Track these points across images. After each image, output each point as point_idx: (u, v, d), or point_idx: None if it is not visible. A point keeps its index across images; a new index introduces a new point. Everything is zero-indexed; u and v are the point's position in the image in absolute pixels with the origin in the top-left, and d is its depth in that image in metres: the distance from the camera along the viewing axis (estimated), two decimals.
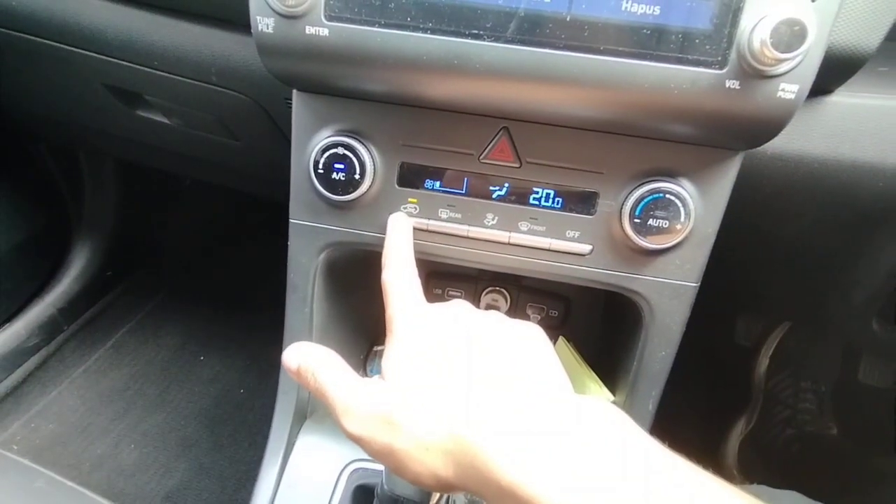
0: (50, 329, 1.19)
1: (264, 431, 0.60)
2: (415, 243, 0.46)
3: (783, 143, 0.47)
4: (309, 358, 0.37)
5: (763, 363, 1.16)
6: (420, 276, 0.42)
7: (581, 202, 0.47)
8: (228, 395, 1.18)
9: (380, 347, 0.74)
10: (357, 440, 0.34)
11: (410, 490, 0.43)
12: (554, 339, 0.62)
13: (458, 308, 0.38)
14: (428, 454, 0.31)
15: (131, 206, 1.34)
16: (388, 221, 0.48)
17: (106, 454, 1.05)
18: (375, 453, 0.33)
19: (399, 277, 0.41)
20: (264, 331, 1.27)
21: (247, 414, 1.15)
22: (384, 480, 0.44)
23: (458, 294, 0.72)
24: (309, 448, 0.59)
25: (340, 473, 0.56)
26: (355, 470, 0.57)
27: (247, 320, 1.32)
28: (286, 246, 0.54)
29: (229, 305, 1.37)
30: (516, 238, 0.49)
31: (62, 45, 0.64)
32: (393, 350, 0.36)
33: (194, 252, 1.50)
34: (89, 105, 0.79)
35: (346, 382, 0.35)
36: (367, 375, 0.72)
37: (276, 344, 0.59)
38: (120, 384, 1.18)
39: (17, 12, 0.64)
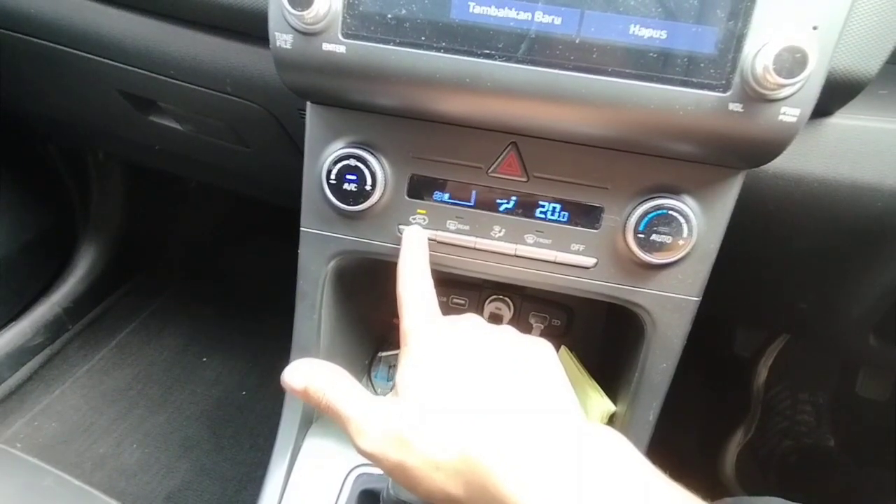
0: (55, 328, 1.20)
1: (265, 433, 0.60)
2: None
3: (784, 163, 0.48)
4: (317, 377, 0.37)
5: (762, 374, 1.16)
6: None
7: (586, 216, 0.48)
8: (230, 397, 1.19)
9: (384, 353, 0.75)
10: (370, 457, 0.34)
11: (415, 496, 0.44)
12: (556, 347, 0.63)
13: (472, 324, 0.39)
14: (439, 473, 0.31)
15: (137, 207, 1.35)
16: (404, 235, 0.49)
17: (108, 454, 1.06)
18: (388, 470, 0.34)
19: (414, 291, 0.41)
20: (266, 334, 1.28)
21: (248, 416, 1.15)
22: (390, 486, 0.45)
23: (462, 301, 0.73)
24: (315, 452, 0.60)
25: (346, 478, 0.57)
26: (361, 475, 0.57)
27: (249, 323, 1.33)
28: (289, 250, 0.55)
29: (232, 308, 1.38)
30: (522, 250, 0.50)
31: (80, 52, 0.65)
32: (407, 367, 0.36)
33: (198, 254, 1.51)
34: (103, 109, 0.80)
35: (358, 401, 0.35)
36: (371, 381, 0.73)
37: (278, 347, 0.59)
38: (123, 384, 1.18)
39: (34, 19, 0.64)
